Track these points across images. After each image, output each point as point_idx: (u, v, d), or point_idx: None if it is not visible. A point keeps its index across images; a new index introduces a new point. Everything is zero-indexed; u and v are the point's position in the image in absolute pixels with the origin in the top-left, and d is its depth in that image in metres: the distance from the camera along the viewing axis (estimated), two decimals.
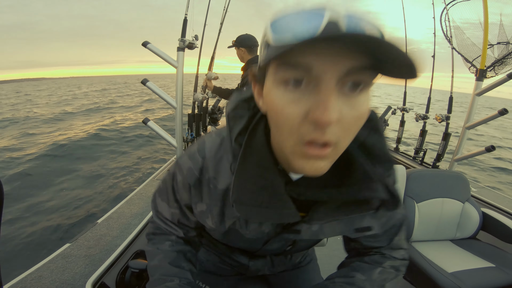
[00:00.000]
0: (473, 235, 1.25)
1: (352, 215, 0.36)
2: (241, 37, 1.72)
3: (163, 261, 0.46)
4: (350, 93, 0.25)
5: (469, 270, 1.03)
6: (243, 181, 0.34)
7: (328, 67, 0.23)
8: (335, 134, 0.26)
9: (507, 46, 1.62)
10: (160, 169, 1.64)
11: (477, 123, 1.68)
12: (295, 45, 0.20)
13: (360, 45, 0.21)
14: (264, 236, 0.44)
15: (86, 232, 0.93)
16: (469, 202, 1.26)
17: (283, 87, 0.26)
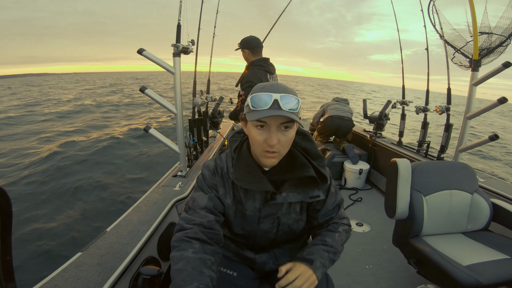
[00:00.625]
0: (485, 227, 1.23)
1: (303, 188, 0.66)
2: (245, 39, 1.77)
3: (186, 266, 0.56)
4: (284, 130, 0.59)
5: (484, 263, 1.01)
6: (238, 169, 0.65)
7: (273, 122, 0.58)
8: (277, 148, 0.59)
9: (489, 36, 1.63)
10: (165, 176, 1.64)
11: (478, 112, 1.68)
12: (259, 116, 0.56)
13: (283, 116, 0.56)
14: (257, 212, 0.69)
15: (96, 240, 0.93)
16: (478, 193, 1.24)
17: (255, 127, 0.60)
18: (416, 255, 1.17)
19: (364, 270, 1.45)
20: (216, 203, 0.69)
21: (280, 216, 0.70)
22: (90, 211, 3.20)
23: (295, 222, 0.73)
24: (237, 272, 0.78)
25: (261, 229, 0.72)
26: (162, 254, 1.08)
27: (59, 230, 2.81)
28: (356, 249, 1.63)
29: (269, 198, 0.68)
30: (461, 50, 1.77)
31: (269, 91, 0.57)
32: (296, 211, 0.71)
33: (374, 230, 1.86)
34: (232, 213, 0.71)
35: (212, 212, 0.67)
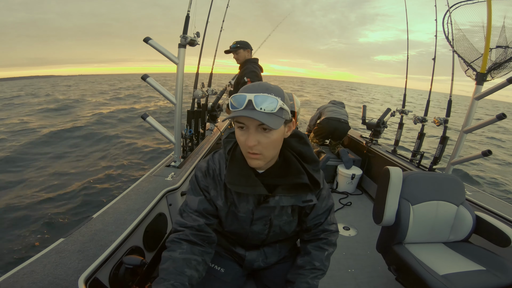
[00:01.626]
0: (466, 238, 1.26)
1: (296, 193, 0.67)
2: (244, 42, 1.92)
3: (169, 265, 0.61)
4: (264, 132, 0.57)
5: (460, 273, 1.04)
6: (231, 172, 0.64)
7: (250, 123, 0.56)
8: (258, 149, 0.58)
9: (505, 50, 1.61)
10: (158, 165, 1.63)
11: (475, 127, 1.68)
12: (234, 116, 0.55)
13: (255, 118, 0.54)
14: (250, 214, 0.70)
15: (81, 227, 0.92)
16: (464, 205, 1.26)
17: (238, 128, 0.59)
18: (397, 262, 1.19)
19: (346, 274, 1.48)
20: (207, 206, 0.69)
21: (272, 218, 0.71)
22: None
23: (286, 224, 0.74)
24: (225, 268, 0.80)
25: (253, 230, 0.73)
26: (147, 245, 1.08)
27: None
28: (340, 252, 1.66)
29: (262, 201, 0.68)
30: (471, 64, 1.75)
31: (247, 91, 0.56)
32: (288, 213, 0.72)
33: (360, 235, 1.89)
34: (224, 213, 0.71)
35: (203, 215, 0.69)
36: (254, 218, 0.70)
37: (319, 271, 0.75)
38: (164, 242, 1.28)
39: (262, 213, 0.69)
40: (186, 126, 1.99)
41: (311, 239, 0.79)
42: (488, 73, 1.67)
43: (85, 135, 6.46)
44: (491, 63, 1.66)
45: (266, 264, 0.82)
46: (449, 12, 1.82)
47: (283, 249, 0.84)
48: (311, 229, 0.77)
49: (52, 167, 4.40)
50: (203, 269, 0.66)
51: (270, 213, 0.70)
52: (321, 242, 0.77)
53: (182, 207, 0.71)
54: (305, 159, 0.67)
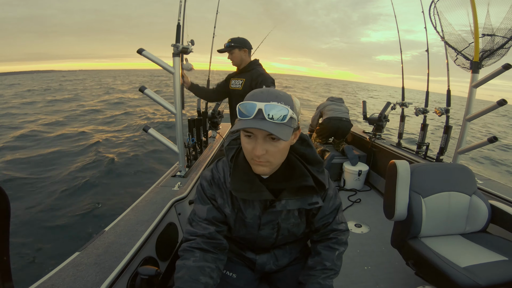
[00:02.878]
0: (483, 229, 1.23)
1: (301, 196, 0.66)
2: (242, 39, 1.72)
3: (184, 274, 0.62)
4: (272, 141, 0.56)
5: (482, 264, 1.01)
6: (235, 179, 0.64)
7: (258, 132, 0.55)
8: (265, 158, 0.57)
9: (492, 38, 1.63)
10: (164, 176, 1.64)
11: (477, 114, 1.68)
12: (244, 127, 0.53)
13: (266, 130, 0.52)
14: (257, 219, 0.69)
15: (95, 240, 0.93)
16: (476, 195, 1.24)
17: (245, 136, 0.58)
18: (414, 257, 1.17)
19: (362, 271, 1.45)
20: (216, 214, 0.69)
21: (280, 221, 0.71)
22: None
23: (295, 226, 0.73)
24: (237, 274, 0.79)
25: (261, 235, 0.73)
26: (160, 254, 1.08)
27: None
28: (354, 250, 1.63)
29: (268, 206, 0.67)
30: (462, 52, 1.77)
31: (256, 99, 0.54)
32: (295, 215, 0.71)
33: (373, 231, 1.86)
34: (232, 220, 0.71)
35: (212, 223, 0.69)
36: (261, 223, 0.70)
37: (331, 271, 0.74)
38: (177, 251, 1.27)
39: (269, 217, 0.69)
40: (188, 135, 2.01)
41: (320, 239, 0.78)
42: (481, 61, 1.69)
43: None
44: (481, 51, 1.68)
45: (277, 267, 0.81)
46: (433, 3, 1.85)
47: (294, 251, 0.83)
48: (320, 229, 0.76)
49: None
50: (217, 276, 0.66)
51: (277, 217, 0.70)
52: (331, 241, 0.76)
53: (191, 216, 0.71)
54: (309, 161, 0.66)
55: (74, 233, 2.81)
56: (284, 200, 0.65)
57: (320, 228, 0.76)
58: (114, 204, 3.41)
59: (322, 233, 0.76)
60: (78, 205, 3.36)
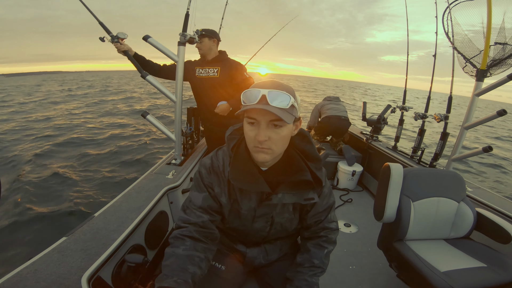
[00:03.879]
0: (467, 235, 1.26)
1: (298, 190, 0.67)
2: (212, 30, 1.71)
3: (173, 262, 0.61)
4: (274, 128, 0.58)
5: (461, 270, 1.04)
6: (234, 169, 0.64)
7: (261, 118, 0.57)
8: (267, 145, 0.58)
9: (504, 47, 1.61)
10: (158, 163, 1.63)
11: (476, 123, 1.68)
12: (250, 108, 0.56)
13: (271, 113, 0.55)
14: (252, 211, 0.70)
15: (83, 226, 0.92)
16: (464, 202, 1.26)
17: (247, 123, 0.59)
18: (398, 259, 1.20)
19: (347, 271, 1.49)
20: (211, 203, 0.70)
21: (274, 215, 0.72)
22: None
23: (288, 221, 0.74)
24: (225, 266, 0.80)
25: (254, 227, 0.74)
26: (149, 243, 1.08)
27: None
28: (341, 249, 1.66)
29: (264, 198, 0.68)
30: (471, 60, 1.75)
31: (260, 87, 0.57)
32: (289, 210, 0.72)
33: (361, 232, 1.89)
34: (227, 211, 0.72)
35: (207, 211, 0.69)
36: (256, 215, 0.71)
37: (318, 269, 0.76)
38: (166, 240, 1.28)
39: (264, 210, 0.70)
40: (186, 123, 1.98)
41: (311, 236, 0.79)
42: (488, 69, 1.67)
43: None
44: (490, 60, 1.66)
45: (267, 261, 0.83)
46: (449, 8, 1.81)
47: (284, 246, 0.85)
48: (311, 226, 0.77)
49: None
50: (206, 266, 0.67)
51: (271, 211, 0.71)
52: (321, 240, 0.78)
53: (185, 203, 0.71)
54: (308, 157, 0.67)
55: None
56: (280, 194, 0.66)
57: (311, 225, 0.77)
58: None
59: (313, 230, 0.78)
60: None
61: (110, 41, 1.48)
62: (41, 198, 3.23)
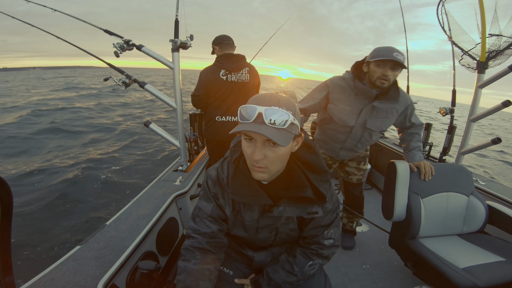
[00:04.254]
0: (480, 229, 1.23)
1: (301, 203, 0.65)
2: (216, 37, 1.69)
3: (185, 278, 0.65)
4: (271, 146, 0.54)
5: (480, 265, 1.02)
6: (234, 182, 0.64)
7: (257, 137, 0.54)
8: (264, 163, 0.55)
9: (498, 38, 1.60)
10: (165, 170, 1.64)
11: (482, 115, 1.67)
12: (242, 130, 0.52)
13: (264, 135, 0.50)
14: (255, 222, 0.70)
15: (96, 234, 0.94)
16: (474, 195, 1.24)
17: (245, 140, 0.57)
18: (413, 257, 1.17)
19: (361, 270, 1.46)
20: (220, 213, 0.71)
21: (279, 226, 0.72)
22: None
23: (293, 230, 0.74)
24: (233, 271, 0.80)
25: (259, 237, 0.75)
26: (160, 249, 1.09)
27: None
28: (354, 248, 1.64)
29: (267, 210, 0.68)
30: (468, 53, 1.74)
31: (258, 102, 0.53)
32: (294, 221, 0.72)
33: (373, 230, 1.86)
34: (231, 222, 0.73)
35: (216, 221, 0.71)
36: (259, 226, 0.71)
37: (294, 277, 0.75)
38: (177, 246, 1.28)
39: (267, 221, 0.70)
40: (190, 129, 2.00)
41: (302, 245, 0.78)
42: (487, 61, 1.66)
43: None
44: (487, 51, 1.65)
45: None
46: (442, 2, 1.81)
47: (291, 248, 0.84)
48: (306, 238, 0.76)
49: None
50: (215, 276, 0.69)
51: (275, 222, 0.71)
52: (310, 251, 0.76)
53: (195, 211, 0.73)
54: (313, 169, 0.64)
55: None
56: (282, 207, 0.65)
57: (306, 237, 0.76)
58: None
59: (307, 241, 0.77)
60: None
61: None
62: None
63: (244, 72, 1.67)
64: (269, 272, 0.76)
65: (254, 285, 0.78)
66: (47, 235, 2.68)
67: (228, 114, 1.66)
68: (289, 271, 0.75)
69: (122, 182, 4.02)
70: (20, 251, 2.42)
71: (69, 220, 2.97)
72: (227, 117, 1.66)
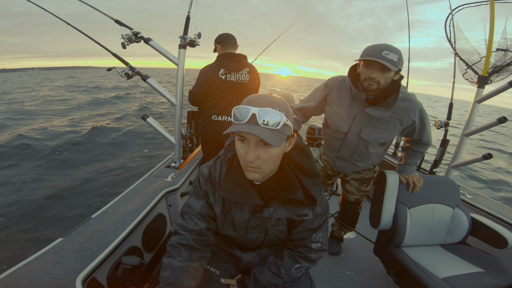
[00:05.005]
0: (462, 240, 1.26)
1: (291, 205, 0.66)
2: (218, 35, 1.67)
3: (169, 275, 0.64)
4: (264, 147, 0.55)
5: (459, 276, 1.04)
6: (227, 181, 0.64)
7: (251, 137, 0.55)
8: (257, 164, 0.56)
9: (505, 53, 1.61)
10: (158, 166, 1.64)
11: (476, 130, 1.68)
12: (235, 130, 0.53)
13: (257, 135, 0.51)
14: (245, 223, 0.71)
15: (80, 227, 0.93)
16: (459, 208, 1.26)
17: (238, 140, 0.58)
18: (395, 266, 1.19)
19: (345, 276, 1.48)
20: (209, 210, 0.71)
21: (268, 227, 0.72)
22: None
23: (282, 232, 0.75)
24: (220, 271, 0.81)
25: (248, 238, 0.75)
26: (146, 245, 1.09)
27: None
28: (340, 254, 1.66)
29: (257, 210, 0.68)
30: (472, 67, 1.74)
31: (251, 103, 0.54)
32: (284, 223, 0.73)
33: (359, 237, 1.88)
34: (220, 221, 0.73)
35: (204, 218, 0.71)
36: (249, 226, 0.71)
37: (280, 279, 0.75)
38: (163, 242, 1.28)
39: (257, 222, 0.70)
40: (186, 126, 2.00)
41: (290, 247, 0.79)
42: (489, 76, 1.67)
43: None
44: (491, 66, 1.66)
45: None
46: (451, 14, 1.81)
47: (279, 250, 0.85)
48: (294, 240, 0.76)
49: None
50: (200, 275, 0.69)
51: (265, 223, 0.71)
52: (297, 254, 0.77)
53: (184, 208, 0.73)
54: (305, 172, 0.65)
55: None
56: (272, 208, 0.66)
57: (295, 240, 0.76)
58: None
59: (294, 244, 0.77)
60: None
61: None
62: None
63: (244, 73, 1.66)
64: (256, 273, 0.77)
65: (240, 286, 0.78)
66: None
67: (225, 114, 1.66)
68: (276, 273, 0.75)
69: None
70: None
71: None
72: (224, 116, 1.66)
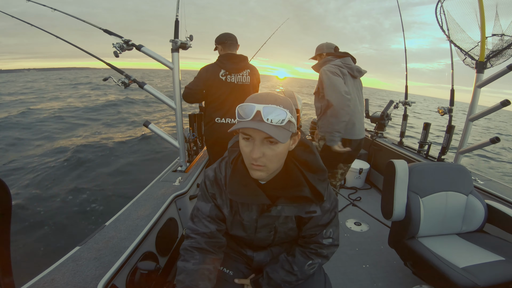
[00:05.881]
0: (479, 228, 1.23)
1: (299, 202, 0.65)
2: (218, 35, 1.65)
3: (185, 278, 0.65)
4: (270, 144, 0.55)
5: (480, 265, 1.02)
6: (232, 182, 0.64)
7: (256, 135, 0.54)
8: (262, 162, 0.56)
9: (501, 38, 1.61)
10: (165, 171, 1.64)
11: (480, 114, 1.67)
12: (241, 127, 0.52)
13: (264, 131, 0.51)
14: (253, 222, 0.70)
15: (95, 235, 0.93)
16: (473, 195, 1.24)
17: (243, 139, 0.57)
18: (412, 257, 1.18)
19: (360, 270, 1.47)
20: (218, 213, 0.72)
21: (277, 225, 0.72)
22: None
23: (291, 230, 0.74)
24: (233, 271, 0.80)
25: (258, 237, 0.75)
26: (159, 249, 1.09)
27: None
28: (353, 248, 1.64)
29: (265, 209, 0.68)
30: (469, 53, 1.75)
31: (255, 101, 0.54)
32: (292, 220, 0.72)
33: (372, 230, 1.87)
34: (229, 222, 0.73)
35: (214, 221, 0.72)
36: (258, 226, 0.71)
37: (293, 276, 0.75)
38: (177, 246, 1.28)
39: (265, 221, 0.70)
40: (189, 130, 2.00)
41: (301, 244, 0.78)
42: (487, 61, 1.67)
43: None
44: (488, 51, 1.66)
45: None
46: (440, 2, 1.81)
47: (291, 247, 0.84)
48: (304, 237, 0.76)
49: None
50: (214, 276, 0.69)
51: (274, 221, 0.71)
52: (309, 251, 0.76)
53: (193, 212, 0.73)
54: (311, 168, 0.64)
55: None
56: (280, 206, 0.65)
57: (305, 236, 0.76)
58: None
59: (305, 241, 0.77)
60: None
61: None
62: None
63: (245, 74, 1.65)
64: (269, 271, 0.76)
65: (254, 285, 0.78)
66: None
67: (228, 116, 1.65)
68: (289, 271, 0.75)
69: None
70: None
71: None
72: (227, 119, 1.65)
